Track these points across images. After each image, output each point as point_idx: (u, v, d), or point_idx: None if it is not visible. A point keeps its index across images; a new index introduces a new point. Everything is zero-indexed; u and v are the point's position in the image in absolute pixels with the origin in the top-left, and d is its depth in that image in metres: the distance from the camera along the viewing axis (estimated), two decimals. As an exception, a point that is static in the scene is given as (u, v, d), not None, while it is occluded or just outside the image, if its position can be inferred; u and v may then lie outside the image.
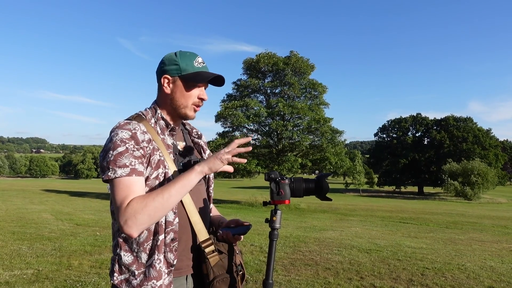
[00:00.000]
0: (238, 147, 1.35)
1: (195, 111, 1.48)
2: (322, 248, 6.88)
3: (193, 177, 1.29)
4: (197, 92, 1.46)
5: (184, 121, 1.62)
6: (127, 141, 1.30)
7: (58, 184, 56.57)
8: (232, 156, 1.32)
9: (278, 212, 1.44)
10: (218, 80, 1.50)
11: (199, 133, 1.65)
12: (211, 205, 1.67)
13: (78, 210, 14.02)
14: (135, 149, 1.30)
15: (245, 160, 1.37)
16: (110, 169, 1.26)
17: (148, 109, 1.49)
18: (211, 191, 1.63)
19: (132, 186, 1.26)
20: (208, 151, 1.66)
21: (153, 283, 1.30)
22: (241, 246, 6.52)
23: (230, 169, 1.38)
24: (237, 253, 1.49)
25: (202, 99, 1.48)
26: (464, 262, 5.96)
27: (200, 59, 1.47)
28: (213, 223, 1.62)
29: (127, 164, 1.27)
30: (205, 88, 1.50)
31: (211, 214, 1.66)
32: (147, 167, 1.34)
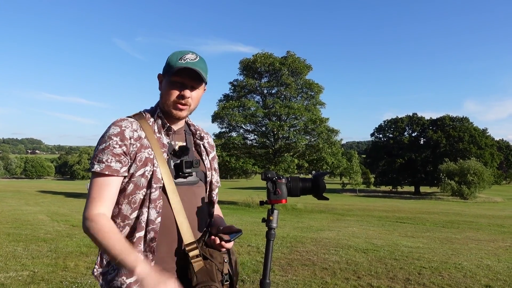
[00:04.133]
0: None
1: (179, 109, 1.41)
2: (319, 248, 6.87)
3: (128, 265, 1.20)
4: (176, 88, 1.39)
5: (189, 122, 1.59)
6: (112, 137, 1.32)
7: (53, 185, 56.25)
8: None
9: (275, 211, 1.43)
10: (194, 75, 1.38)
11: (202, 134, 1.60)
12: (215, 208, 1.62)
13: (74, 211, 13.93)
14: (117, 146, 1.32)
15: None
16: (91, 163, 1.33)
17: (151, 108, 1.50)
18: (214, 195, 1.58)
19: (104, 188, 1.30)
20: (212, 153, 1.62)
21: (123, 279, 1.29)
22: (238, 247, 6.52)
23: None
24: (225, 262, 1.44)
25: (183, 96, 1.39)
26: (461, 261, 5.98)
27: (188, 56, 1.40)
28: (213, 226, 1.57)
29: (104, 160, 1.30)
30: (193, 86, 1.41)
31: (214, 215, 1.61)
32: (131, 164, 1.34)
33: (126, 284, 1.29)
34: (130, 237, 1.33)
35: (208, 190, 1.57)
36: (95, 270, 1.35)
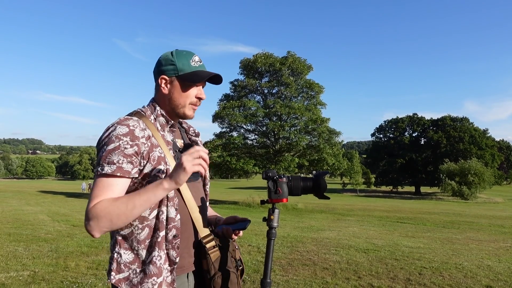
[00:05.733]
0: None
1: (193, 110, 1.48)
2: (320, 248, 6.87)
3: (160, 193, 1.23)
4: (194, 91, 1.45)
5: (181, 120, 1.61)
6: (122, 137, 1.28)
7: (54, 185, 56.37)
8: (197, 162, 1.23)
9: (276, 210, 1.43)
10: (215, 79, 1.48)
11: (196, 131, 1.65)
12: (208, 203, 1.67)
13: (74, 211, 13.96)
14: (128, 146, 1.28)
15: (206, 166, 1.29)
16: (100, 165, 1.26)
17: (146, 106, 1.47)
18: (207, 189, 1.62)
19: (110, 187, 1.25)
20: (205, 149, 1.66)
21: (154, 280, 1.28)
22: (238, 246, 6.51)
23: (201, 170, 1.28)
24: (237, 248, 1.52)
25: (200, 99, 1.47)
26: (462, 261, 5.97)
27: (196, 58, 1.46)
28: (209, 221, 1.61)
29: (115, 161, 1.25)
30: (203, 87, 1.49)
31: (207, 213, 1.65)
32: (145, 164, 1.32)
33: (157, 284, 1.28)
34: (152, 237, 1.32)
35: (202, 184, 1.61)
36: (112, 277, 1.31)
